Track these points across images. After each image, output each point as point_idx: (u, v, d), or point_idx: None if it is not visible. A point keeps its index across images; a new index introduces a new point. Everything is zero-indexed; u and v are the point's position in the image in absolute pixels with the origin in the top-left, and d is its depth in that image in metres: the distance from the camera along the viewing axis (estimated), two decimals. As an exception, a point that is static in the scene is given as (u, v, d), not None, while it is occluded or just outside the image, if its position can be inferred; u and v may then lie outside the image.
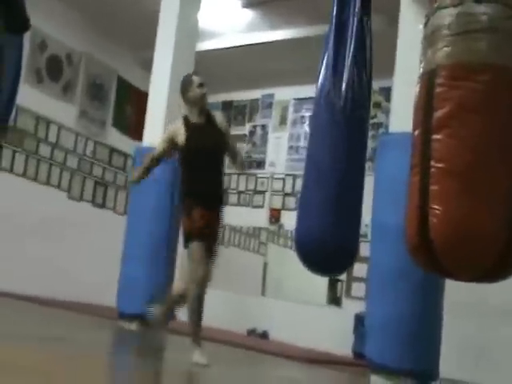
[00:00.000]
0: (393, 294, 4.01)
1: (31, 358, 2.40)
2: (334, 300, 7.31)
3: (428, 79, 1.55)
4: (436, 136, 1.52)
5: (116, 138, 8.42)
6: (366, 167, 4.07)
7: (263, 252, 7.96)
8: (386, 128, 6.54)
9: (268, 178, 8.15)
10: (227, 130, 3.72)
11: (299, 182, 8.00)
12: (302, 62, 7.28)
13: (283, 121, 8.22)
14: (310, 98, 8.07)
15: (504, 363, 5.41)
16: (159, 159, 3.65)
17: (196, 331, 3.38)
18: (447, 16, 1.52)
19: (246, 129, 8.55)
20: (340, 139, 3.50)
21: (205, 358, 3.29)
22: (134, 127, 8.03)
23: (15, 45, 2.46)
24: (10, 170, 7.00)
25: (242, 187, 8.30)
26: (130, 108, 8.60)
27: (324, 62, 3.92)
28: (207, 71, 5.33)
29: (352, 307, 6.60)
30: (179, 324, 6.38)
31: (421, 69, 1.60)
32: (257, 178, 8.23)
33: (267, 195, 8.10)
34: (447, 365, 4.20)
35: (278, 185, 8.02)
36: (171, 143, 3.56)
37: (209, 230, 3.42)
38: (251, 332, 7.33)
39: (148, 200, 5.34)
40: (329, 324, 6.80)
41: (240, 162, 3.78)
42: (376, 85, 5.54)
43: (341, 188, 3.56)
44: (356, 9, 3.46)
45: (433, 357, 4.07)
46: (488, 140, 1.50)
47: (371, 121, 5.30)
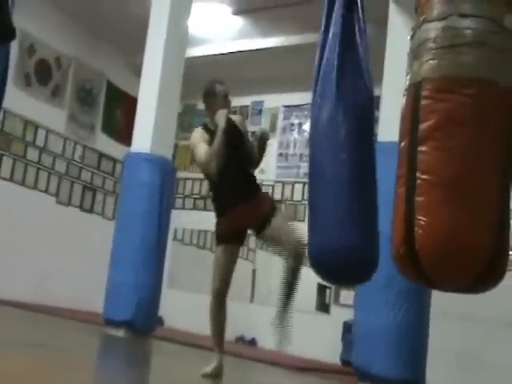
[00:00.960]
0: (380, 303, 4.03)
1: (14, 365, 2.37)
2: (323, 307, 7.31)
3: (414, 91, 1.56)
4: (422, 148, 1.52)
5: (105, 143, 8.39)
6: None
7: (252, 259, 7.95)
8: (375, 137, 6.56)
9: (257, 185, 8.14)
10: (246, 131, 3.55)
11: (288, 189, 8.05)
12: (292, 70, 7.31)
13: (273, 128, 8.23)
14: (300, 106, 8.13)
15: (490, 371, 5.43)
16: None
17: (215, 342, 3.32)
18: (433, 29, 1.52)
19: (236, 135, 8.54)
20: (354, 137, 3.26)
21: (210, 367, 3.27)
22: (123, 132, 8.01)
23: (0, 54, 2.42)
24: (-3, 175, 6.95)
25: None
26: (119, 113, 8.58)
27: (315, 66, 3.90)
28: (197, 78, 5.34)
29: (340, 315, 6.60)
30: (166, 331, 6.35)
31: (407, 81, 1.61)
32: (246, 185, 8.22)
33: (256, 202, 8.08)
34: (433, 373, 4.22)
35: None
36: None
37: (236, 232, 3.30)
38: (239, 339, 7.31)
39: (137, 204, 5.32)
40: (317, 332, 6.80)
41: (259, 154, 3.44)
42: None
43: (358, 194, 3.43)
44: (337, 4, 3.31)
45: (419, 365, 4.09)
46: (474, 152, 1.51)
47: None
